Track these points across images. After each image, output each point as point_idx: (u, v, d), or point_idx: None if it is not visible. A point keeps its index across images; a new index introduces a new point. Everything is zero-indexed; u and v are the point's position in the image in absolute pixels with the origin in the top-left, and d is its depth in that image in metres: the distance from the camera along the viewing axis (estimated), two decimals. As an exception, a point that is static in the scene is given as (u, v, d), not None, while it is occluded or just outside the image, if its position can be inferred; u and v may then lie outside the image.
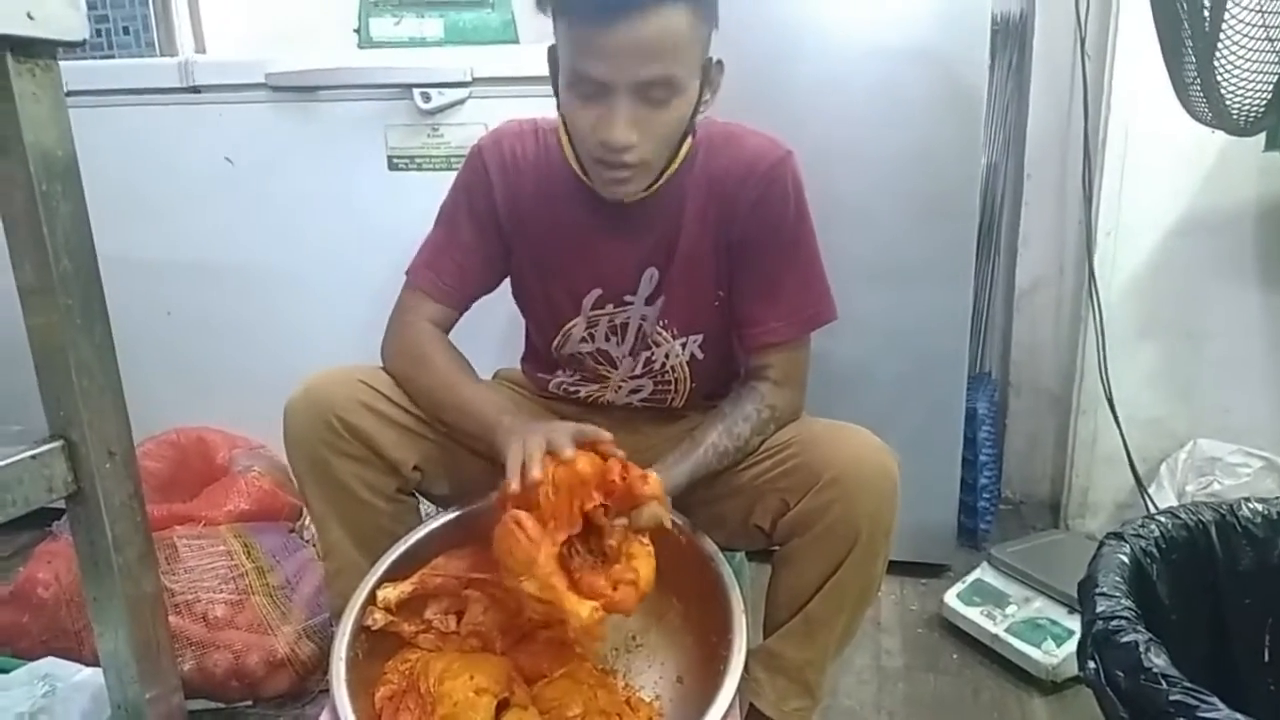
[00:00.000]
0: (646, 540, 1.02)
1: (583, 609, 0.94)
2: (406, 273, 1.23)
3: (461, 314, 1.24)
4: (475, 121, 1.69)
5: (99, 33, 2.24)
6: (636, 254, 1.16)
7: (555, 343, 1.24)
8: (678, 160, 1.11)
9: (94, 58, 2.16)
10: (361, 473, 1.13)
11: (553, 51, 1.05)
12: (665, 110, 1.00)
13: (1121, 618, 0.74)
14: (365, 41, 1.87)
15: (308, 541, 1.68)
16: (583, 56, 0.97)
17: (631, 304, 1.19)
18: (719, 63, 1.07)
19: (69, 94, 1.87)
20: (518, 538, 0.95)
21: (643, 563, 0.99)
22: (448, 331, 1.23)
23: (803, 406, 1.21)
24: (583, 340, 1.22)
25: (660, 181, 1.11)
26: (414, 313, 1.20)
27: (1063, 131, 2.08)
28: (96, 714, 1.22)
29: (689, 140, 1.11)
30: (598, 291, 1.19)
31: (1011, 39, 2.08)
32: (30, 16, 0.75)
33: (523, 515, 0.96)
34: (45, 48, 0.79)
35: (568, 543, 1.00)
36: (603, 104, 0.99)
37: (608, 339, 1.22)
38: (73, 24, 0.79)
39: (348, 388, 1.13)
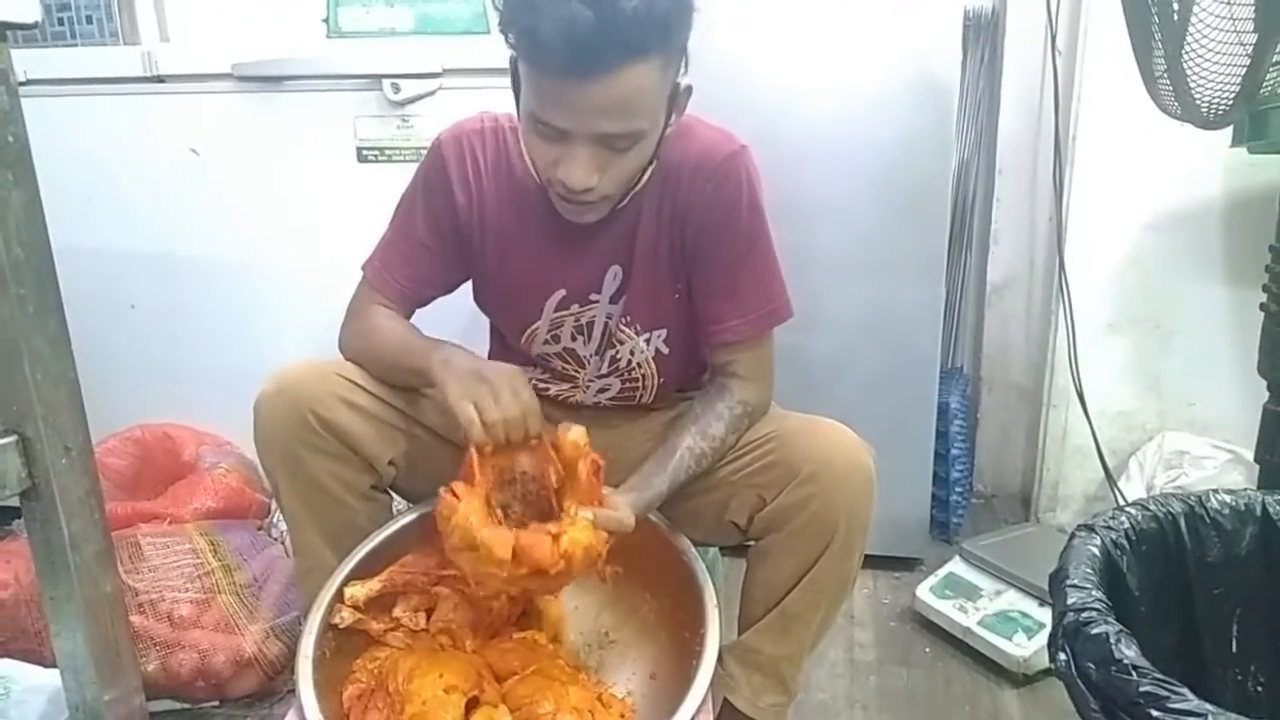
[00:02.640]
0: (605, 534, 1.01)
1: (487, 532, 0.94)
2: (362, 268, 1.21)
3: (414, 310, 1.22)
4: (446, 113, 1.67)
5: (60, 21, 2.19)
6: (598, 252, 1.13)
7: (522, 342, 1.23)
8: (641, 183, 1.08)
9: (56, 46, 2.12)
10: (336, 470, 1.11)
11: (515, 61, 0.98)
12: (629, 155, 0.98)
13: (1092, 609, 0.74)
14: (334, 31, 1.84)
15: (276, 539, 1.66)
16: (544, 106, 0.94)
17: (597, 303, 1.17)
18: (688, 88, 1.03)
19: (29, 82, 1.85)
20: (446, 500, 0.96)
21: (578, 530, 0.96)
22: None
23: (771, 398, 1.20)
24: (547, 341, 1.20)
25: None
26: (365, 306, 1.19)
27: (1034, 128, 2.10)
28: (54, 716, 1.19)
29: (652, 165, 1.08)
30: (561, 292, 1.16)
31: (983, 35, 2.09)
32: (-22, -3, 0.72)
33: (455, 485, 0.98)
34: (-5, 30, 0.77)
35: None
36: (563, 146, 0.96)
37: (574, 338, 1.20)
38: (22, 5, 0.76)
39: (324, 381, 1.10)
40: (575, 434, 1.02)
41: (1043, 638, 1.52)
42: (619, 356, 1.20)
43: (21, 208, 0.82)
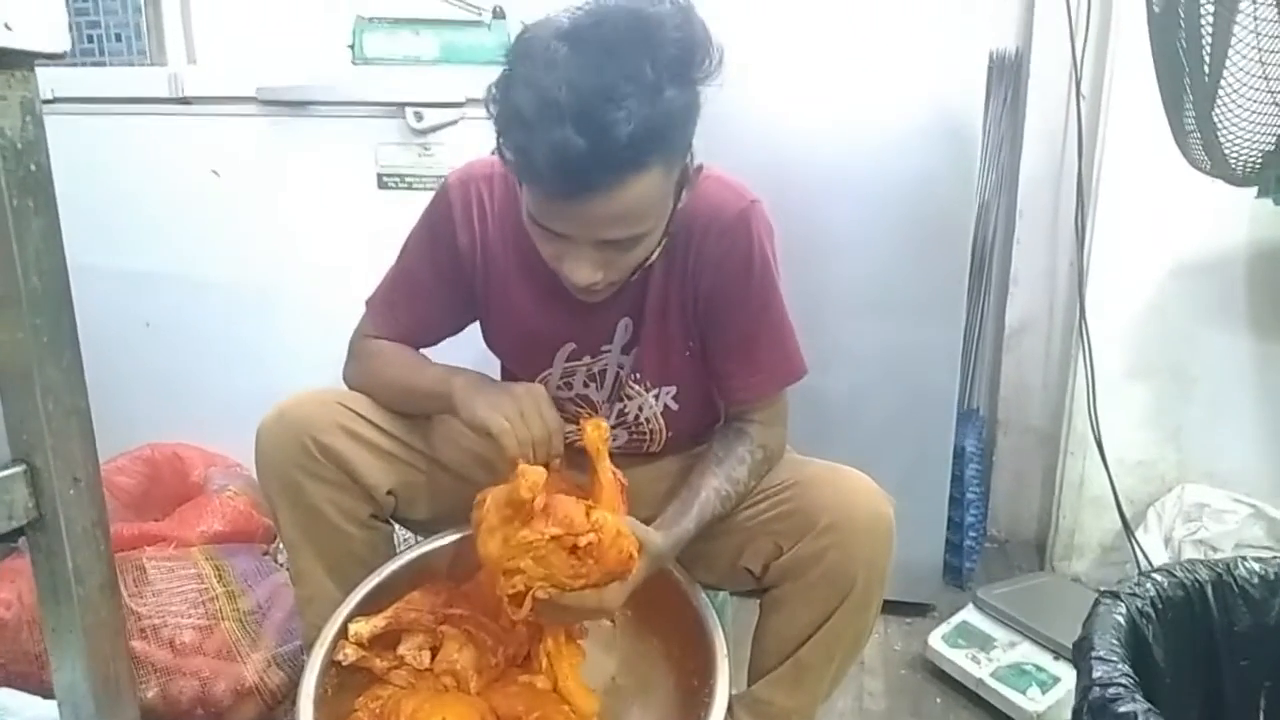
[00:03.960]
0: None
1: (529, 480, 0.92)
2: (366, 302, 1.20)
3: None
4: (467, 142, 1.67)
5: (90, 39, 2.21)
6: (608, 308, 1.09)
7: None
8: (653, 257, 1.04)
9: (85, 64, 2.14)
10: (335, 497, 1.10)
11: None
12: (633, 251, 0.96)
13: (1119, 684, 0.72)
14: (359, 58, 1.85)
15: (281, 565, 1.64)
16: (542, 213, 0.92)
17: (608, 353, 1.14)
18: (698, 168, 1.00)
19: (55, 100, 1.85)
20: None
21: (608, 515, 0.94)
22: None
23: (784, 444, 1.18)
24: (559, 388, 1.18)
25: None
26: (368, 339, 1.20)
27: (1056, 171, 2.08)
28: (51, 747, 1.17)
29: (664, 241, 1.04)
30: (571, 346, 1.14)
31: (1006, 77, 2.08)
32: (7, 27, 0.72)
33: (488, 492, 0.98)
34: (23, 59, 0.76)
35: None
36: (565, 245, 0.94)
37: (586, 385, 1.18)
38: (54, 36, 0.76)
39: (325, 410, 1.10)
40: (596, 422, 1.03)
41: (1057, 692, 1.50)
42: (626, 411, 1.18)
43: (41, 236, 0.82)
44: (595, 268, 0.95)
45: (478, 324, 1.22)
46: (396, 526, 1.23)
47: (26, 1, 0.76)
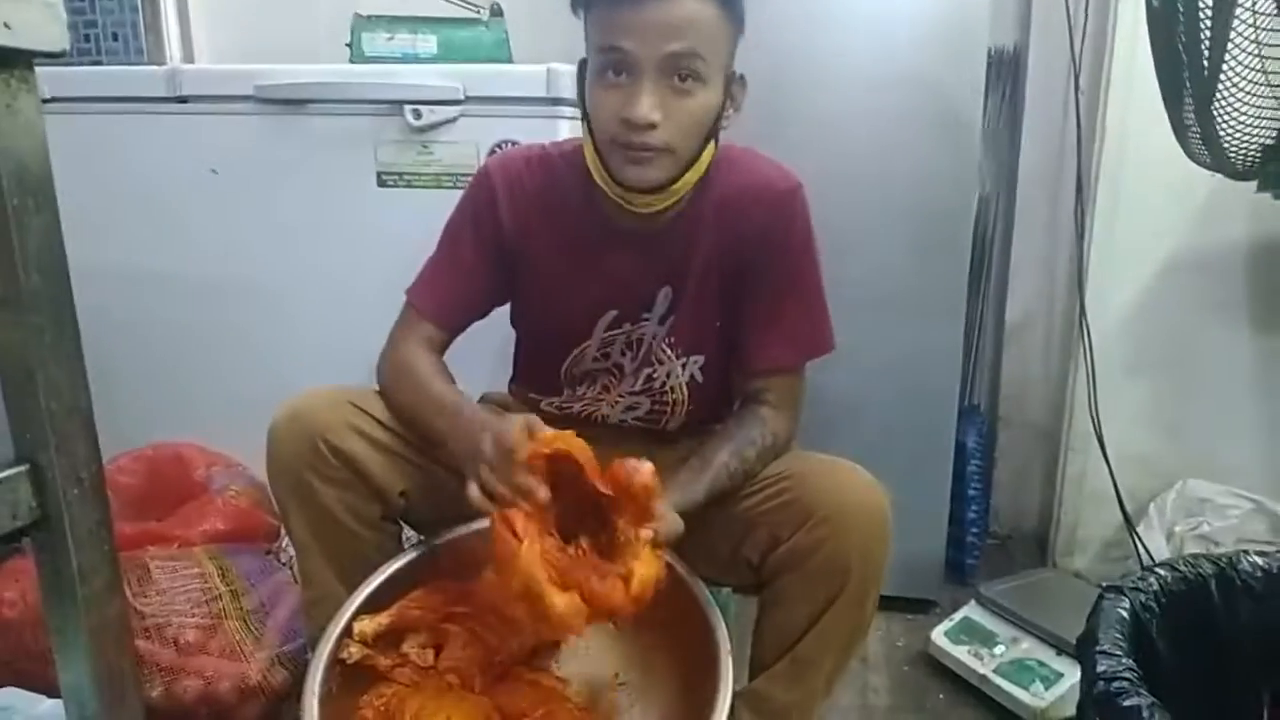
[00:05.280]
0: (662, 553, 0.96)
1: (559, 599, 0.89)
2: (406, 292, 1.21)
3: (455, 336, 1.23)
4: (466, 140, 1.67)
5: (87, 38, 2.21)
6: (652, 272, 1.16)
7: (565, 366, 1.23)
8: (700, 169, 1.09)
9: (82, 63, 2.13)
10: (346, 498, 1.10)
11: (582, 65, 1.08)
12: (689, 98, 1.02)
13: (1123, 678, 0.72)
14: (357, 56, 1.85)
15: (284, 564, 1.64)
16: (611, 33, 1.00)
17: (648, 321, 1.18)
18: (741, 77, 1.10)
19: (53, 100, 1.85)
20: (504, 537, 0.91)
21: (644, 565, 0.92)
22: (442, 352, 1.21)
23: (792, 436, 1.19)
24: (596, 359, 1.21)
25: (680, 199, 1.11)
26: (409, 332, 1.19)
27: (1055, 166, 2.08)
28: (55, 747, 1.17)
29: (711, 149, 1.10)
30: (614, 312, 1.18)
31: (1005, 72, 2.08)
32: (6, 26, 0.72)
33: (511, 513, 0.92)
34: (22, 58, 0.76)
35: (575, 544, 0.96)
36: (628, 86, 1.01)
37: (623, 354, 1.21)
38: (53, 35, 0.76)
39: (337, 410, 1.10)
40: (645, 475, 0.94)
41: (1060, 688, 1.50)
42: (655, 376, 1.21)
43: (41, 233, 0.81)
44: (654, 104, 1.00)
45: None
46: (404, 527, 1.23)
47: (25, 1, 0.76)
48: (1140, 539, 1.84)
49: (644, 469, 0.95)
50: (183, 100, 1.77)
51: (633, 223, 1.14)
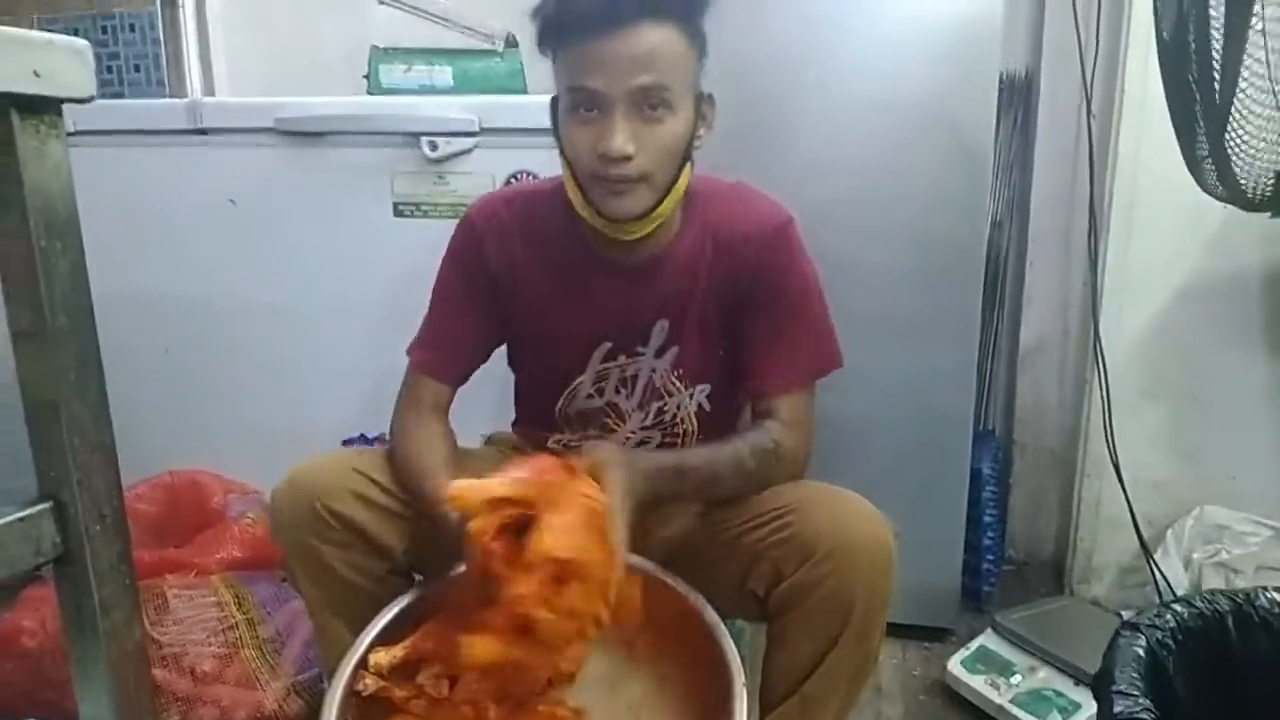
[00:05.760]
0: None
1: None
2: (407, 353, 1.23)
3: (459, 385, 1.24)
4: (482, 171, 1.69)
5: (109, 69, 2.25)
6: (645, 305, 1.16)
7: (560, 404, 1.23)
8: (678, 193, 1.10)
9: (104, 95, 2.17)
10: (349, 557, 1.11)
11: (554, 103, 1.10)
12: (661, 126, 1.03)
13: (1140, 718, 0.72)
14: (375, 87, 1.88)
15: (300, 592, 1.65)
16: (579, 73, 1.02)
17: (643, 355, 1.19)
18: (710, 96, 1.11)
19: (76, 133, 1.89)
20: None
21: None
22: (447, 407, 1.22)
23: (805, 454, 1.17)
24: (590, 396, 1.21)
25: (663, 224, 1.11)
26: (410, 398, 1.20)
27: (1068, 191, 2.08)
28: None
29: (687, 171, 1.10)
30: (608, 345, 1.18)
31: (1017, 98, 2.09)
32: (36, 74, 0.74)
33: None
34: (50, 104, 0.78)
35: None
36: (601, 121, 1.02)
37: (617, 391, 1.21)
38: (80, 82, 0.78)
39: (336, 476, 1.11)
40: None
41: (1078, 718, 1.48)
42: (665, 409, 1.22)
43: (68, 275, 0.83)
44: (628, 137, 1.01)
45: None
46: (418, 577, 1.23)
47: (54, 49, 0.78)
48: (1157, 566, 1.82)
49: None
50: (203, 132, 1.80)
51: (618, 253, 1.15)
